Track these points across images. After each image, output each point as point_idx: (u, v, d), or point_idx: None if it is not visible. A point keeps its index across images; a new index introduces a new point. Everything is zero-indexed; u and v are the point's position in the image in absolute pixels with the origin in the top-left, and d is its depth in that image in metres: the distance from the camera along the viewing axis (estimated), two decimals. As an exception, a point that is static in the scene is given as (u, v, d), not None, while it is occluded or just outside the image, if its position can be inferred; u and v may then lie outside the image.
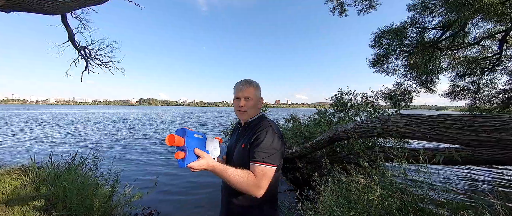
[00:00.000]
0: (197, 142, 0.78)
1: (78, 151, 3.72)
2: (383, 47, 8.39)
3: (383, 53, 8.48)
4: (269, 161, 0.84)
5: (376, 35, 8.38)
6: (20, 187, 2.74)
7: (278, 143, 0.90)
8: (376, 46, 8.62)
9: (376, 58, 8.80)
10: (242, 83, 1.02)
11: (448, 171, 4.98)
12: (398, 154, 1.59)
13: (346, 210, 1.33)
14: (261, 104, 1.08)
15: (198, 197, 3.81)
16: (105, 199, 2.61)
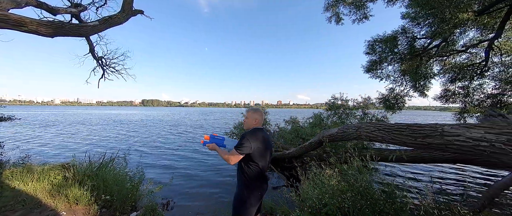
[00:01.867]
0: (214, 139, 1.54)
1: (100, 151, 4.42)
2: (377, 54, 8.94)
3: (376, 59, 9.02)
4: (236, 149, 1.52)
5: (370, 43, 8.93)
6: (66, 179, 3.44)
7: (246, 145, 1.51)
8: (370, 53, 9.17)
9: (370, 64, 9.34)
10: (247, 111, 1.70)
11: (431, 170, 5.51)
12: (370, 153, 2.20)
13: (315, 191, 1.95)
14: (253, 124, 1.68)
15: (204, 193, 4.46)
16: (135, 190, 3.27)
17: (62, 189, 3.12)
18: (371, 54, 9.33)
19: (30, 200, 2.81)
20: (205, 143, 1.58)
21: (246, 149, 1.48)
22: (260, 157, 1.54)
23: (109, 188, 3.16)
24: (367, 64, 9.58)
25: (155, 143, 10.92)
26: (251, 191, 1.52)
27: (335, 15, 9.80)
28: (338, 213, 1.88)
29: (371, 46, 9.04)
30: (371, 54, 9.32)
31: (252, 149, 1.50)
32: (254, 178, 1.52)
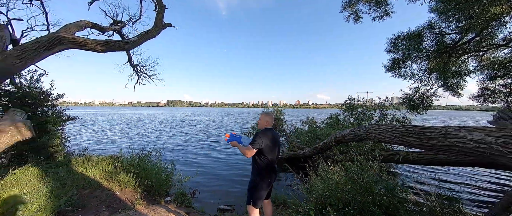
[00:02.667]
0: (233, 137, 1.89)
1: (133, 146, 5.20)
2: (400, 52, 8.52)
3: (399, 57, 8.60)
4: (251, 145, 1.88)
5: (392, 41, 8.56)
6: (116, 168, 4.23)
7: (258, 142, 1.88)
8: (392, 51, 8.76)
9: (392, 63, 8.93)
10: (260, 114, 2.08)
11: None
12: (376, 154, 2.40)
13: (320, 184, 2.24)
14: (265, 125, 2.06)
15: (224, 185, 4.98)
16: (169, 179, 3.90)
17: (114, 175, 3.89)
18: (393, 52, 8.93)
19: (93, 182, 3.60)
20: (229, 140, 1.97)
21: (258, 145, 1.85)
22: (269, 152, 1.89)
23: (149, 176, 3.83)
24: (388, 62, 9.19)
25: (178, 141, 11.98)
26: (262, 178, 1.88)
27: (354, 13, 9.59)
28: (340, 204, 2.13)
29: (393, 43, 8.67)
30: (394, 52, 8.92)
31: (263, 145, 1.86)
32: (265, 168, 1.88)
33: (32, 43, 3.57)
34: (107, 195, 3.21)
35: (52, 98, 4.87)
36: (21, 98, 4.38)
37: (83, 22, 4.91)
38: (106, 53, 4.84)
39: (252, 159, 1.94)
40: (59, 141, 4.72)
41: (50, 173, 3.36)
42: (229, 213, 3.43)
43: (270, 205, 2.15)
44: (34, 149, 4.14)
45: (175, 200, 3.41)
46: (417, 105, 8.59)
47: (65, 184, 3.06)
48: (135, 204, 3.04)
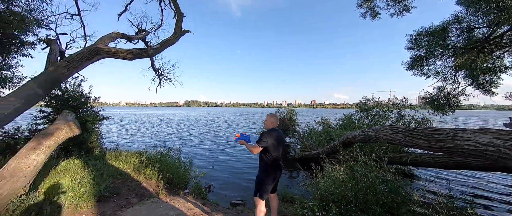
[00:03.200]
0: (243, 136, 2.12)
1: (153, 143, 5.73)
2: (422, 49, 8.02)
3: (421, 55, 8.10)
4: (257, 143, 2.08)
5: (413, 37, 8.09)
6: (142, 162, 4.75)
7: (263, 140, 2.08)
8: (414, 48, 8.28)
9: (413, 60, 8.44)
10: (267, 115, 2.28)
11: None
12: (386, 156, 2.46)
13: (324, 182, 2.38)
14: (270, 125, 2.25)
15: (236, 182, 5.26)
16: (187, 173, 4.30)
17: (140, 169, 4.41)
18: (414, 49, 8.44)
19: (124, 173, 4.13)
20: (237, 139, 2.21)
21: (263, 144, 2.05)
22: (274, 150, 2.09)
23: (170, 170, 4.27)
24: (409, 60, 8.70)
25: (194, 139, 12.66)
26: (268, 174, 2.08)
27: (371, 10, 9.25)
28: (343, 201, 2.23)
29: (414, 40, 8.20)
30: (415, 49, 8.42)
31: (268, 144, 2.06)
32: (270, 165, 2.08)
33: (76, 55, 4.23)
34: (136, 185, 3.69)
35: (90, 100, 5.63)
36: (66, 101, 5.16)
37: (115, 33, 5.58)
38: (133, 60, 5.45)
39: (259, 156, 2.15)
40: (96, 137, 5.45)
41: (90, 164, 3.96)
42: (241, 207, 3.68)
43: (276, 198, 2.34)
44: (76, 144, 4.86)
45: (192, 193, 3.77)
46: (442, 105, 7.99)
47: (103, 174, 3.60)
48: (158, 193, 3.46)
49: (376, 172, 2.36)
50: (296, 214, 2.70)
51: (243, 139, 2.24)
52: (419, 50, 8.12)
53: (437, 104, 8.15)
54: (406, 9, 8.08)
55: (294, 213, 2.78)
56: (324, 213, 2.19)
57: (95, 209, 2.75)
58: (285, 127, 11.26)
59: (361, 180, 2.28)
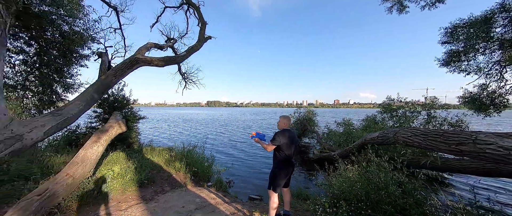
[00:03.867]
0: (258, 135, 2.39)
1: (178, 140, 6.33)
2: (460, 43, 7.24)
3: (459, 49, 7.31)
4: (271, 142, 2.30)
5: (449, 30, 7.36)
6: (171, 157, 5.39)
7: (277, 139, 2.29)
8: (450, 41, 7.51)
9: (449, 56, 7.66)
10: (280, 117, 2.51)
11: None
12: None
13: (336, 181, 2.51)
14: (283, 126, 2.47)
15: (254, 178, 5.55)
16: (210, 168, 4.76)
17: (170, 162, 5.02)
18: (450, 43, 7.67)
19: (157, 166, 4.78)
20: (253, 137, 2.47)
21: (276, 142, 2.29)
22: (287, 148, 2.30)
23: (195, 164, 4.78)
24: (444, 56, 7.92)
25: (216, 137, 13.39)
26: (281, 170, 2.31)
27: (398, 3, 8.66)
28: (354, 199, 2.32)
29: (450, 33, 7.46)
30: (451, 43, 7.66)
31: (281, 143, 2.28)
32: (283, 162, 2.30)
33: (120, 64, 5.05)
34: (167, 176, 4.26)
35: (130, 102, 6.56)
36: (112, 103, 6.13)
37: (149, 44, 6.40)
38: (164, 67, 6.18)
39: (273, 153, 2.39)
40: (134, 134, 6.35)
41: (132, 157, 4.69)
42: (258, 202, 3.96)
43: (288, 193, 2.55)
44: (120, 140, 5.75)
45: (214, 185, 4.19)
46: (485, 105, 7.08)
47: (142, 165, 4.25)
48: (186, 184, 3.95)
49: (390, 173, 2.39)
50: (309, 209, 2.87)
51: (258, 137, 2.50)
52: (456, 44, 7.34)
53: (478, 104, 7.24)
54: (439, 0, 7.37)
55: (307, 209, 2.94)
56: (335, 210, 2.32)
57: (138, 193, 3.33)
58: (303, 128, 11.19)
59: (373, 180, 2.35)
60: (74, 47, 5.81)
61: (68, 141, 5.30)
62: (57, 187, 2.38)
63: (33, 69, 5.69)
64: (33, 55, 5.61)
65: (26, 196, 2.27)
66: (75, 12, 5.50)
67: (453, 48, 7.50)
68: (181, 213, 2.64)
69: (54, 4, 5.19)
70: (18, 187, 2.73)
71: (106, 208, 2.80)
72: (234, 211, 2.78)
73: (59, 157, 3.98)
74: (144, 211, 2.68)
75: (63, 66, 6.01)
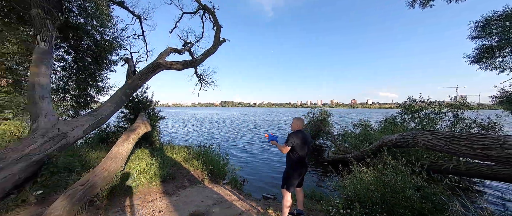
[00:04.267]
0: (272, 137, 2.49)
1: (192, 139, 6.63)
2: (493, 37, 6.63)
3: (492, 44, 6.70)
4: (286, 143, 2.37)
5: (480, 24, 6.79)
6: (189, 155, 5.71)
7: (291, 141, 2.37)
8: (481, 36, 6.92)
9: (480, 52, 7.05)
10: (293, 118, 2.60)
11: None
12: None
13: (350, 182, 2.53)
14: (296, 127, 2.54)
15: (268, 177, 5.66)
16: (225, 166, 4.97)
17: (189, 160, 5.34)
18: (482, 38, 7.07)
19: (177, 163, 5.12)
20: (269, 139, 2.56)
21: (290, 144, 2.37)
22: (300, 149, 2.38)
23: (211, 163, 5.03)
24: (475, 52, 7.32)
25: (229, 137, 13.70)
26: (294, 170, 2.39)
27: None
28: (369, 202, 2.32)
29: (482, 27, 6.89)
30: (483, 38, 7.06)
31: (294, 144, 2.37)
32: (296, 162, 2.38)
33: (144, 69, 5.50)
34: (186, 173, 4.56)
35: (152, 103, 7.07)
36: (137, 104, 6.67)
37: (169, 49, 6.85)
38: (182, 70, 6.57)
39: (287, 154, 2.48)
40: (156, 133, 6.83)
41: (155, 154, 5.09)
42: (272, 201, 4.06)
43: (301, 192, 2.62)
44: (144, 138, 6.23)
45: (229, 183, 4.39)
46: (525, 105, 6.37)
47: (164, 162, 4.60)
48: (203, 181, 4.20)
49: (408, 177, 2.34)
50: (322, 210, 2.91)
51: (272, 139, 2.59)
52: (489, 39, 6.74)
53: (517, 104, 6.54)
54: (468, -8, 6.81)
55: (320, 209, 2.98)
56: (349, 211, 2.35)
57: (161, 188, 3.64)
58: (318, 128, 10.99)
59: (389, 183, 2.32)
60: (105, 54, 6.45)
61: (100, 139, 5.91)
62: (96, 179, 2.73)
63: (71, 74, 6.44)
64: (71, 62, 6.35)
65: (72, 186, 2.65)
66: (105, 22, 6.11)
67: (485, 43, 6.90)
68: (201, 207, 2.85)
69: (89, 16, 5.83)
70: (64, 178, 3.16)
71: (134, 199, 3.12)
72: (249, 208, 2.92)
73: (94, 152, 4.48)
74: (168, 204, 2.94)
75: (95, 71, 6.70)
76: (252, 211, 2.81)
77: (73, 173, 3.22)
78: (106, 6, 5.99)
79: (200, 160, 5.14)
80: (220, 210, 2.77)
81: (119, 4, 6.69)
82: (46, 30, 3.97)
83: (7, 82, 5.55)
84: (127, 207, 2.85)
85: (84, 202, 2.61)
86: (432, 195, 2.15)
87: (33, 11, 3.95)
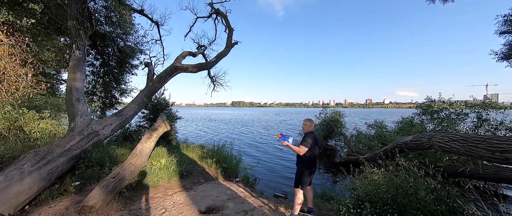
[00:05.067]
0: (284, 137, 2.60)
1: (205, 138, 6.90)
2: (526, 31, 6.14)
3: (524, 39, 6.20)
4: (303, 145, 2.46)
5: (509, 17, 6.31)
6: (204, 153, 6.00)
7: (308, 142, 2.46)
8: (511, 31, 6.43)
9: (510, 47, 6.55)
10: (304, 120, 2.70)
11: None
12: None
13: (360, 183, 2.58)
14: (309, 129, 2.64)
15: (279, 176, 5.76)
16: (237, 165, 5.17)
17: (203, 158, 5.63)
18: None
19: (193, 161, 5.43)
20: (281, 140, 2.67)
21: (308, 145, 2.48)
22: (313, 149, 2.49)
23: (225, 161, 5.27)
24: (504, 48, 6.81)
25: (241, 137, 13.97)
26: (307, 168, 2.51)
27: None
28: (380, 202, 2.34)
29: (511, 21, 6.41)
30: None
31: (310, 145, 2.48)
32: (309, 162, 2.51)
33: (163, 72, 5.89)
34: (202, 170, 4.83)
35: (169, 104, 7.52)
36: (156, 105, 7.15)
37: (185, 52, 7.24)
38: (197, 73, 6.90)
39: (298, 154, 2.59)
40: (173, 132, 7.26)
41: (173, 152, 5.45)
42: (282, 199, 4.17)
43: (311, 190, 2.72)
44: (162, 137, 6.66)
45: (242, 181, 4.57)
46: None
47: (181, 159, 4.92)
48: (217, 178, 4.43)
49: (421, 179, 2.33)
50: (333, 209, 2.97)
51: (284, 139, 2.69)
52: (521, 34, 6.24)
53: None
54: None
55: (331, 209, 3.05)
56: (359, 211, 2.40)
57: (179, 183, 3.93)
58: (330, 129, 10.82)
59: (401, 184, 2.33)
60: (127, 59, 7.01)
61: (124, 137, 6.43)
62: (124, 173, 3.06)
63: (99, 78, 7.08)
64: (99, 67, 6.98)
65: (105, 178, 3.00)
66: (128, 29, 6.64)
67: (516, 38, 6.40)
68: (216, 201, 3.06)
69: (114, 25, 6.37)
70: (97, 171, 3.57)
71: (157, 192, 3.42)
72: (261, 204, 3.07)
73: (120, 149, 4.92)
74: (187, 197, 3.19)
75: (119, 74, 7.29)
76: (264, 207, 2.96)
77: (104, 167, 3.61)
78: (128, 14, 6.52)
79: (214, 158, 5.40)
80: (234, 205, 2.96)
81: (140, 12, 7.21)
82: (80, 40, 4.47)
83: (46, 86, 6.29)
84: (151, 198, 3.15)
85: (115, 193, 2.94)
86: (446, 197, 2.13)
87: (69, 23, 4.47)
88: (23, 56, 4.58)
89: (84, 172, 3.46)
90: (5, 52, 4.27)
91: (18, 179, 2.48)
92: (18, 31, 4.50)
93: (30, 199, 2.64)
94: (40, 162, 2.79)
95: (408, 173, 2.39)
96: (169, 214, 2.70)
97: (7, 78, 4.37)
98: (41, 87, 5.95)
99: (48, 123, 5.24)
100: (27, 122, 4.67)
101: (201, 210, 2.78)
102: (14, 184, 2.42)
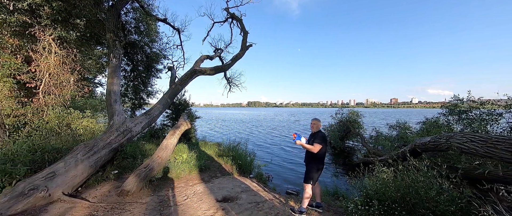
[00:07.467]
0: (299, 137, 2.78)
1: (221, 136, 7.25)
2: None
3: None
4: (317, 143, 2.61)
5: None
6: (220, 151, 6.39)
7: (321, 140, 2.60)
8: None
9: None
10: (313, 120, 2.85)
11: None
12: None
13: (368, 181, 2.64)
14: (318, 128, 2.77)
15: (291, 174, 5.87)
16: (252, 162, 5.44)
17: (219, 155, 6.01)
18: None
19: (210, 157, 5.85)
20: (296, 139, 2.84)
21: (321, 143, 2.64)
22: (323, 147, 2.64)
23: (239, 158, 5.58)
24: None
25: (254, 135, 14.23)
26: (317, 165, 2.67)
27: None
28: (389, 201, 2.38)
29: None
30: None
31: (322, 143, 2.64)
32: (320, 158, 2.67)
33: (184, 75, 6.43)
34: (218, 165, 5.21)
35: (189, 104, 8.12)
36: (177, 105, 7.79)
37: (203, 56, 7.76)
38: (214, 75, 7.35)
39: (309, 152, 2.74)
40: (193, 130, 7.84)
41: (193, 148, 5.94)
42: (294, 196, 4.32)
43: (318, 186, 2.85)
44: (183, 134, 7.25)
45: (255, 177, 4.83)
46: None
47: (200, 155, 5.37)
48: (233, 173, 4.75)
49: (433, 179, 2.32)
50: (342, 206, 3.06)
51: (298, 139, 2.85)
52: None
53: None
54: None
55: (340, 205, 3.13)
56: (367, 208, 2.47)
57: (198, 176, 4.33)
58: (346, 130, 10.52)
59: (412, 184, 2.34)
60: (153, 64, 7.76)
61: (150, 134, 7.16)
62: (153, 164, 3.54)
63: (129, 81, 7.95)
64: (130, 72, 7.85)
65: (138, 168, 3.50)
66: (154, 37, 7.36)
67: None
68: (231, 192, 3.36)
69: (142, 34, 7.13)
70: (130, 162, 4.14)
71: (179, 182, 3.85)
72: (272, 198, 3.28)
73: (148, 144, 5.55)
74: (205, 188, 3.55)
75: (146, 78, 8.10)
76: (275, 201, 3.17)
77: (136, 159, 4.17)
78: (154, 24, 7.23)
79: (230, 155, 5.75)
80: (247, 196, 3.22)
81: (163, 20, 7.91)
82: (116, 49, 5.17)
83: (89, 90, 7.30)
84: (175, 187, 3.58)
85: (146, 181, 3.42)
86: (458, 198, 2.10)
87: (107, 35, 5.19)
88: (72, 65, 5.46)
89: (120, 163, 4.06)
90: (59, 62, 5.15)
91: (74, 165, 3.06)
92: (67, 43, 5.36)
93: (82, 182, 3.23)
94: (88, 152, 3.38)
95: (420, 172, 2.38)
96: (191, 200, 3.07)
97: (59, 83, 5.26)
98: (85, 91, 6.92)
99: (89, 121, 6.12)
100: (73, 120, 5.54)
101: (218, 199, 3.10)
102: (71, 169, 3.00)
